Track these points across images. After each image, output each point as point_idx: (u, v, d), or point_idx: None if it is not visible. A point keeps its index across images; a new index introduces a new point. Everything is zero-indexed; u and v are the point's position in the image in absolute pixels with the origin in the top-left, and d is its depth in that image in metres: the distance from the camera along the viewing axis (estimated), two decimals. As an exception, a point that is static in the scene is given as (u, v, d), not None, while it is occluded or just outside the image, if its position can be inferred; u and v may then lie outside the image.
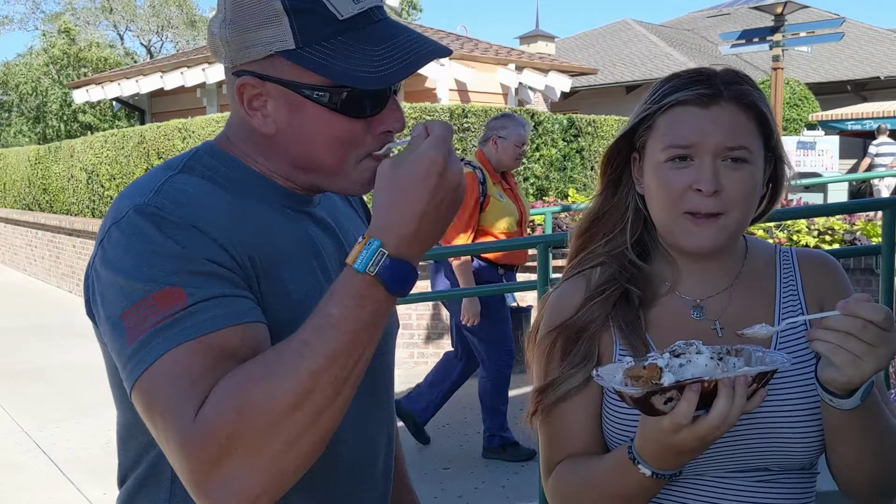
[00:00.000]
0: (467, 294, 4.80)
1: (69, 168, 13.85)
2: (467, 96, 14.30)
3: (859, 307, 1.04)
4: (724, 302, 1.30)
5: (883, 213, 3.65)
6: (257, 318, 1.02)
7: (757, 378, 1.02)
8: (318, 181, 1.15)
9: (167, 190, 1.07)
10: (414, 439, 5.20)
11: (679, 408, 1.00)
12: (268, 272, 1.07)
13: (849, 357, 1.04)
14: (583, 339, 1.30)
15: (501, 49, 15.78)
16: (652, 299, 1.31)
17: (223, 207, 1.08)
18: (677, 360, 1.04)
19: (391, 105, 1.12)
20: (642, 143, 1.31)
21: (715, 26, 26.08)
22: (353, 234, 1.26)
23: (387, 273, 0.95)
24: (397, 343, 5.90)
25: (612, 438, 1.29)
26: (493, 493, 4.44)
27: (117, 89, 15.86)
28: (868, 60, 22.83)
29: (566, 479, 1.29)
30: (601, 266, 1.35)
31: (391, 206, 0.97)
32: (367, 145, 1.11)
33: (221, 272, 1.01)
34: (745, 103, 1.25)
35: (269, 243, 1.10)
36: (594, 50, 25.20)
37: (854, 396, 1.09)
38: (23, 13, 54.15)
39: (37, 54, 34.92)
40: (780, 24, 13.57)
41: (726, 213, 1.23)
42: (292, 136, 1.10)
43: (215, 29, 1.11)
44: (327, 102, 1.07)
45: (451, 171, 0.97)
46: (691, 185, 1.22)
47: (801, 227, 7.39)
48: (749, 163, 1.24)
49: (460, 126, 10.48)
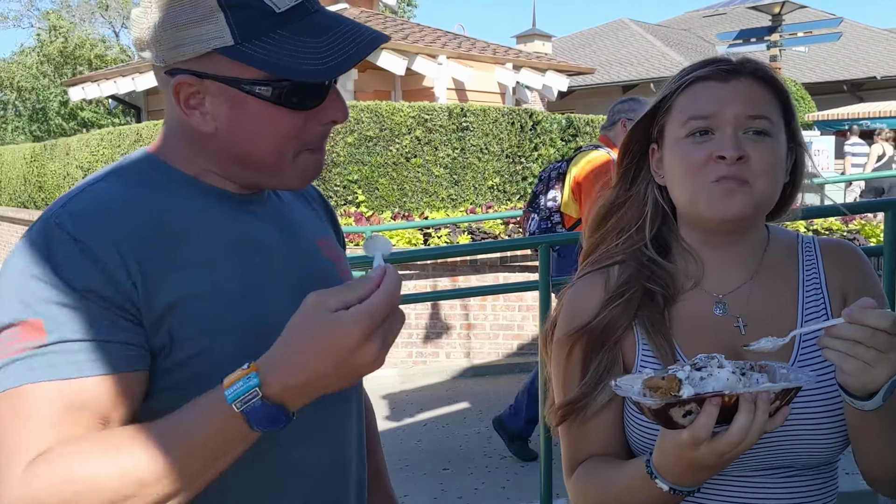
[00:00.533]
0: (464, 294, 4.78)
1: (65, 166, 13.82)
2: (465, 95, 14.29)
3: (865, 315, 1.01)
4: (745, 296, 1.27)
5: (885, 215, 3.65)
6: (121, 369, 0.98)
7: (780, 395, 1.00)
8: (258, 178, 1.12)
9: (79, 199, 1.04)
10: (412, 442, 5.18)
11: (698, 421, 0.98)
12: (184, 274, 1.04)
13: (859, 365, 1.02)
14: (607, 345, 1.25)
15: (499, 48, 15.77)
16: (675, 296, 1.28)
17: (137, 216, 1.04)
18: (698, 373, 1.02)
19: (332, 95, 1.09)
20: (660, 129, 1.28)
21: (712, 26, 26.11)
22: (310, 234, 1.24)
23: (254, 415, 0.91)
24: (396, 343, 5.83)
25: (634, 444, 1.27)
26: (493, 494, 4.43)
27: (113, 87, 15.81)
28: (865, 60, 22.87)
29: (586, 483, 1.27)
30: (620, 264, 1.30)
31: (289, 351, 0.93)
32: (309, 138, 1.09)
33: (94, 308, 0.97)
34: (764, 77, 1.23)
35: (193, 245, 1.06)
36: (591, 49, 25.21)
37: (875, 398, 1.07)
38: (18, 10, 54.01)
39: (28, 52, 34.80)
40: (777, 24, 13.60)
41: (752, 184, 1.18)
42: (233, 133, 1.07)
43: (144, 27, 1.06)
44: (270, 97, 1.04)
45: (363, 353, 0.91)
46: (713, 154, 1.19)
47: (798, 227, 7.41)
48: (771, 136, 1.20)
49: (458, 125, 10.47)
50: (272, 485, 1.11)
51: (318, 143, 1.11)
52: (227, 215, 1.12)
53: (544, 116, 11.24)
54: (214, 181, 1.13)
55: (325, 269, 1.23)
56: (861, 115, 18.39)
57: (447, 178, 10.45)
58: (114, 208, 1.04)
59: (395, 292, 0.92)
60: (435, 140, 10.36)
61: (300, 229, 1.23)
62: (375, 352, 0.91)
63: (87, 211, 1.03)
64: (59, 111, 31.74)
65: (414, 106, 10.42)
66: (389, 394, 6.46)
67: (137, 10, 1.08)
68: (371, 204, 10.08)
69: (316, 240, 1.25)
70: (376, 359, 0.92)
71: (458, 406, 6.09)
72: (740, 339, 1.22)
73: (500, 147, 10.78)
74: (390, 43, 13.36)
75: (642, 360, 1.25)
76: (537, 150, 10.94)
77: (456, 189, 10.50)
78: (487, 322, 7.52)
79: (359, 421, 1.29)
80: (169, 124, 1.14)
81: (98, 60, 31.77)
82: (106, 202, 1.04)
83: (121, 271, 0.99)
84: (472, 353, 7.55)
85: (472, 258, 7.34)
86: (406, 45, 13.46)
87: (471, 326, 7.55)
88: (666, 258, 1.31)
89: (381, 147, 10.14)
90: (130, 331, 0.99)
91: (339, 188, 10.06)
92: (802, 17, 18.02)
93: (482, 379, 6.99)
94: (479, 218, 8.79)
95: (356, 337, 0.90)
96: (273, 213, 1.20)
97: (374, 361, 0.92)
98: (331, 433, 1.19)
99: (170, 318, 1.01)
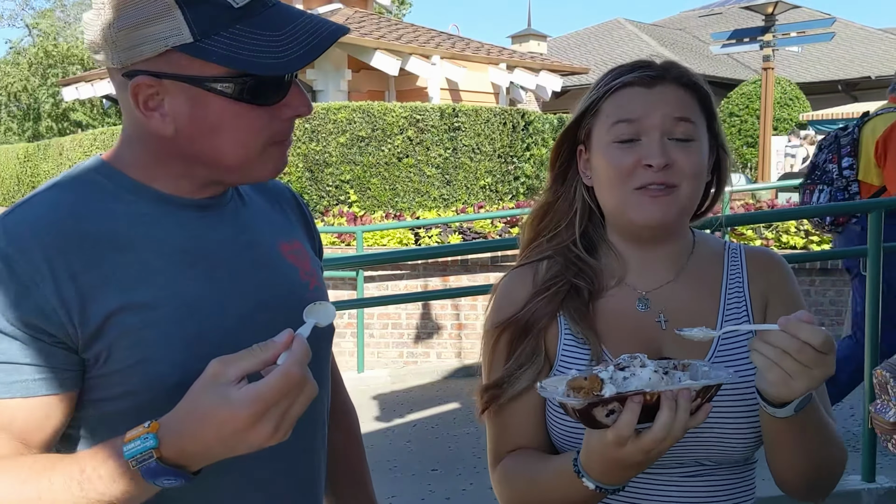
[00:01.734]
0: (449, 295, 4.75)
1: (58, 166, 13.81)
2: (459, 95, 14.29)
3: (799, 328, 1.03)
4: (668, 294, 1.31)
5: (870, 216, 3.65)
6: (42, 392, 0.98)
7: (701, 392, 1.02)
8: (224, 176, 1.11)
9: (19, 211, 1.04)
10: (401, 442, 5.18)
11: (621, 419, 1.00)
12: (123, 284, 1.02)
13: (781, 375, 1.04)
14: (530, 335, 1.29)
15: (493, 48, 15.77)
16: (599, 292, 1.31)
17: (76, 225, 1.03)
18: (622, 373, 1.03)
19: (294, 90, 1.08)
20: (587, 133, 1.32)
21: (706, 26, 26.12)
22: (271, 239, 1.22)
23: (149, 474, 0.91)
24: (387, 343, 5.81)
25: (558, 442, 1.29)
26: (481, 495, 4.43)
27: (108, 87, 15.78)
28: (859, 60, 22.90)
29: (510, 476, 1.29)
30: (548, 260, 1.34)
31: (188, 418, 0.92)
32: (274, 133, 1.08)
33: (20, 333, 0.97)
34: (687, 83, 1.27)
35: (136, 253, 1.05)
36: (586, 49, 25.21)
37: (787, 407, 1.09)
38: (12, 9, 53.91)
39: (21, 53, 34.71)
40: (770, 24, 13.62)
41: (678, 187, 1.23)
42: (195, 132, 1.05)
43: (97, 29, 1.04)
44: (232, 93, 1.03)
45: (254, 434, 0.90)
46: (641, 161, 1.22)
47: (789, 228, 7.42)
48: (695, 140, 1.25)
49: (450, 125, 10.46)
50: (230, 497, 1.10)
51: (284, 136, 1.10)
52: (176, 222, 1.10)
53: (536, 116, 11.25)
54: (167, 187, 1.11)
55: (287, 275, 1.20)
56: (856, 115, 18.38)
57: (439, 178, 10.45)
58: (51, 220, 1.02)
59: (296, 370, 0.90)
60: (427, 140, 10.36)
61: (259, 235, 1.20)
62: (267, 433, 0.91)
63: (23, 224, 1.02)
64: (51, 112, 31.67)
65: (406, 106, 10.42)
66: (380, 394, 6.45)
67: (89, 13, 1.06)
68: (363, 204, 10.09)
69: (279, 244, 1.22)
70: (270, 437, 0.91)
71: (448, 406, 6.08)
72: (661, 333, 1.27)
73: (492, 147, 10.79)
74: (384, 43, 13.39)
75: (563, 350, 1.28)
76: (529, 151, 10.95)
77: (448, 189, 10.50)
78: (478, 322, 7.51)
79: (322, 432, 1.27)
80: (126, 130, 1.12)
81: (92, 61, 31.69)
82: (44, 214, 1.03)
83: (50, 292, 0.98)
84: (464, 353, 7.54)
85: (462, 258, 7.33)
86: (400, 46, 13.46)
87: (462, 326, 7.54)
88: (592, 256, 1.35)
89: (373, 147, 10.14)
90: (58, 355, 0.99)
91: (331, 188, 10.05)
92: (796, 16, 18.04)
93: (473, 379, 6.86)
94: (471, 218, 8.78)
95: (244, 419, 0.89)
96: (230, 219, 1.17)
97: (268, 439, 0.91)
98: (292, 448, 1.17)
99: (107, 328, 1.00)
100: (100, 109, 29.79)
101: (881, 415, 1.87)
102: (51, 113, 31.73)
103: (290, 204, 1.34)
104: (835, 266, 6.98)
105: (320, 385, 1.23)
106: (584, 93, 1.37)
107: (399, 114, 10.29)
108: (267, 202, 1.28)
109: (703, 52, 24.27)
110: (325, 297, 1.28)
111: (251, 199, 1.24)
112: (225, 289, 1.10)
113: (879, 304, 3.57)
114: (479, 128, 10.68)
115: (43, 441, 0.99)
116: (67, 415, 1.01)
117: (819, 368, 1.03)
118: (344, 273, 6.38)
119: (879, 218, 3.57)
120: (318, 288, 1.25)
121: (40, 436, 0.98)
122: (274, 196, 1.30)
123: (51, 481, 0.92)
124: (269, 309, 1.13)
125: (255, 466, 1.11)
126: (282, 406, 0.91)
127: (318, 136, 10.31)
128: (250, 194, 1.25)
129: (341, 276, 6.48)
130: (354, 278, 7.26)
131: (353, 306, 6.02)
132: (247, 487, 1.12)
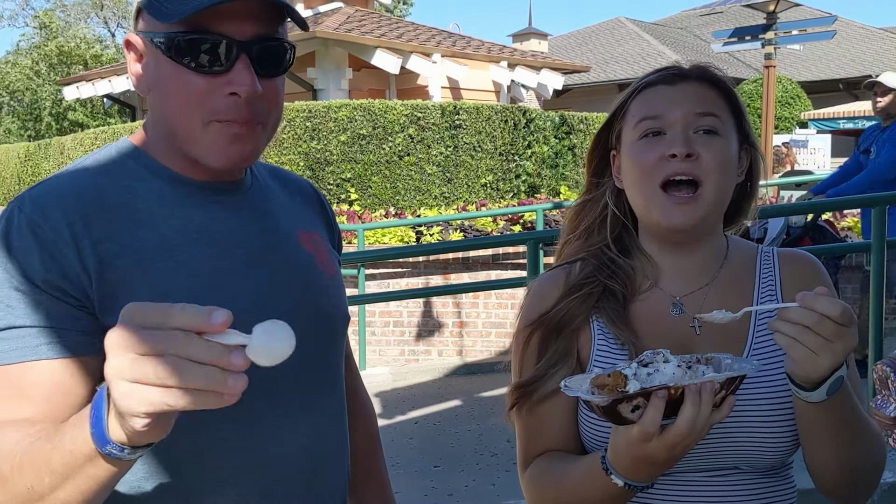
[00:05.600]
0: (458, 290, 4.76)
1: (59, 165, 13.82)
2: (460, 94, 14.28)
3: (816, 301, 1.02)
4: (702, 299, 1.30)
5: (873, 210, 3.64)
6: (68, 354, 0.97)
7: (725, 385, 1.01)
8: (184, 147, 1.09)
9: (45, 184, 1.07)
10: (403, 439, 5.18)
11: (646, 415, 0.99)
12: (140, 256, 1.03)
13: (804, 351, 1.03)
14: (562, 335, 1.28)
15: (494, 46, 15.76)
16: (633, 295, 1.31)
17: (97, 198, 1.05)
18: (645, 369, 1.03)
19: (240, 66, 1.04)
20: (618, 135, 1.33)
21: (707, 24, 26.12)
22: (290, 225, 1.22)
23: (96, 421, 0.80)
24: (388, 341, 5.80)
25: (588, 443, 1.28)
26: (484, 491, 4.42)
27: (108, 86, 15.79)
28: (860, 59, 22.90)
29: (541, 477, 1.28)
30: (581, 262, 1.34)
31: None
32: (215, 106, 1.05)
33: (45, 297, 0.97)
34: (711, 79, 1.28)
35: (153, 229, 1.06)
36: (587, 48, 25.21)
37: (819, 390, 1.07)
38: (12, 9, 53.89)
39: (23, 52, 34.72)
40: (772, 22, 13.60)
41: (703, 183, 1.21)
42: (157, 95, 1.08)
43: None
44: (165, 49, 1.04)
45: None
46: (664, 154, 1.22)
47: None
48: (720, 135, 1.24)
49: (451, 123, 10.46)
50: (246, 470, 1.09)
51: (228, 114, 1.06)
52: (194, 203, 1.12)
53: (538, 114, 11.24)
54: (184, 170, 1.12)
55: (305, 260, 1.21)
56: (857, 114, 18.41)
57: (440, 175, 10.44)
58: (75, 191, 1.05)
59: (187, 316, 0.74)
60: (428, 138, 10.35)
61: (279, 221, 1.21)
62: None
63: (48, 194, 1.04)
64: (52, 111, 31.69)
65: (407, 104, 10.41)
66: (382, 392, 6.44)
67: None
68: (364, 202, 10.08)
69: (297, 232, 1.23)
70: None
71: (449, 404, 6.08)
72: (695, 339, 1.25)
73: (493, 145, 10.78)
74: (385, 41, 13.38)
75: (597, 354, 1.27)
76: (531, 148, 10.94)
77: (449, 187, 10.49)
78: (480, 320, 7.52)
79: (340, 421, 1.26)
80: (147, 112, 1.16)
81: (94, 61, 31.71)
82: (68, 186, 1.06)
83: (73, 257, 0.99)
84: (465, 350, 7.54)
85: (463, 255, 7.33)
86: (401, 44, 13.46)
87: (463, 324, 7.54)
88: (626, 259, 1.34)
89: (373, 145, 10.13)
90: (82, 319, 0.99)
91: (332, 186, 10.05)
92: (797, 15, 18.03)
93: (474, 377, 6.98)
94: (472, 216, 8.78)
95: None
96: (251, 205, 1.18)
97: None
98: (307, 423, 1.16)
99: (121, 297, 1.00)
100: (100, 109, 29.78)
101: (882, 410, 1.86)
102: (52, 111, 31.74)
103: (312, 198, 1.35)
104: (846, 263, 6.94)
105: (333, 381, 1.23)
106: (586, 92, 1.39)
107: (400, 112, 10.28)
108: (289, 195, 1.29)
109: (704, 51, 24.26)
110: (341, 286, 1.29)
111: (273, 190, 1.25)
112: (240, 270, 1.11)
113: (883, 299, 3.57)
114: (480, 125, 10.67)
115: (70, 406, 0.96)
116: (93, 381, 1.00)
117: (840, 342, 1.02)
118: (345, 271, 6.39)
119: (883, 212, 3.57)
120: (333, 277, 1.26)
121: (67, 400, 0.97)
122: (296, 189, 1.32)
123: (40, 432, 0.90)
124: (284, 292, 1.13)
125: (277, 469, 1.11)
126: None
127: (318, 135, 10.31)
128: (272, 186, 1.26)
129: (343, 273, 6.50)
130: (356, 276, 7.27)
131: (354, 303, 6.03)
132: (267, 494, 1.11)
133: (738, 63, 23.96)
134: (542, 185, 11.05)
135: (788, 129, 17.55)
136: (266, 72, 1.07)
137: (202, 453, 1.06)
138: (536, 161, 10.99)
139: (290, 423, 1.13)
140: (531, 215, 8.55)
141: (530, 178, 10.91)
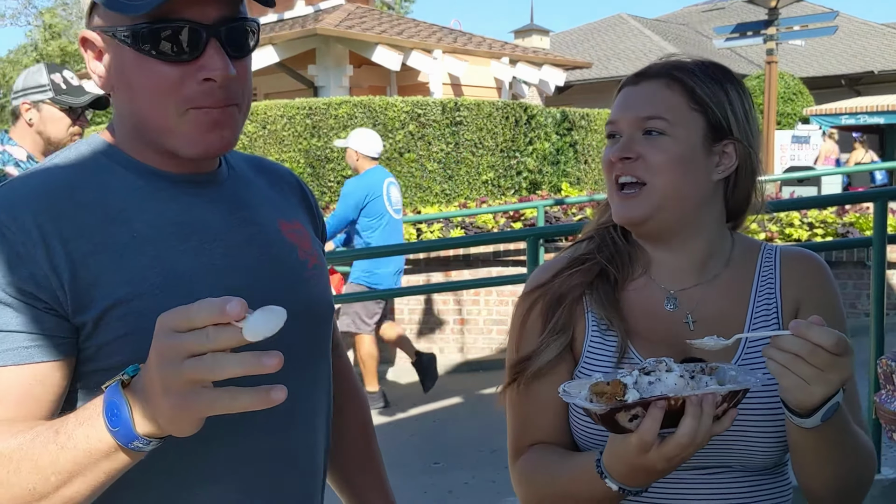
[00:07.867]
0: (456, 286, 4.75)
1: (60, 163, 13.84)
2: (461, 90, 14.27)
3: (809, 330, 1.00)
4: (698, 296, 1.29)
5: (874, 205, 3.62)
6: (38, 358, 0.96)
7: (727, 397, 0.99)
8: (161, 141, 1.07)
9: (15, 181, 1.05)
10: (403, 436, 5.17)
11: (644, 425, 0.98)
12: (114, 254, 1.02)
13: (796, 381, 1.01)
14: (563, 305, 1.29)
15: (495, 42, 15.74)
16: (626, 280, 1.31)
17: (67, 195, 1.03)
18: (647, 377, 1.01)
19: (211, 51, 1.02)
20: None
21: (709, 20, 26.10)
22: (270, 216, 1.20)
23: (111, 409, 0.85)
24: (388, 339, 5.64)
25: (581, 442, 1.28)
26: (483, 489, 4.42)
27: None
28: (862, 55, 22.85)
29: (533, 472, 1.27)
30: (588, 241, 1.37)
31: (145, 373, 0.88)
32: (188, 96, 1.03)
33: (14, 301, 0.96)
34: (671, 77, 1.27)
35: (128, 225, 1.04)
36: (589, 44, 25.19)
37: (814, 417, 1.06)
38: (15, 8, 53.90)
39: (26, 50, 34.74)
40: (773, 18, 13.60)
41: (649, 182, 1.23)
42: (123, 91, 1.06)
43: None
44: (130, 42, 1.01)
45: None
46: (613, 156, 1.26)
47: (793, 220, 7.37)
48: (666, 134, 1.24)
49: (452, 120, 10.44)
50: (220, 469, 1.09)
51: (204, 100, 1.04)
52: (169, 196, 1.10)
53: (539, 111, 11.22)
54: (155, 162, 1.10)
55: (285, 251, 1.18)
56: (859, 110, 18.38)
57: (441, 172, 10.43)
58: (44, 190, 1.03)
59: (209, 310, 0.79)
60: (428, 135, 10.33)
61: (257, 213, 1.18)
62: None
63: (15, 192, 1.02)
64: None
65: (407, 101, 10.39)
66: (382, 388, 6.44)
67: None
68: (365, 199, 10.06)
69: (278, 223, 1.21)
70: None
71: (450, 401, 6.08)
72: (688, 334, 1.24)
73: (494, 141, 10.75)
74: (385, 38, 13.37)
75: (590, 344, 1.28)
76: (532, 145, 10.92)
77: (450, 184, 10.48)
78: (481, 317, 7.51)
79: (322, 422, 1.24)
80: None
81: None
82: (38, 184, 1.04)
83: (42, 259, 0.97)
84: (466, 347, 7.53)
85: (464, 252, 7.32)
86: (401, 41, 13.44)
87: (464, 321, 7.53)
88: (628, 243, 1.36)
89: (374, 142, 10.11)
90: (50, 321, 0.98)
91: (333, 184, 10.04)
92: (799, 10, 17.99)
93: (475, 374, 6.97)
94: (473, 212, 8.76)
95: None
96: (228, 196, 1.16)
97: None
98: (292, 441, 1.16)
99: (97, 296, 1.00)
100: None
101: (886, 405, 1.84)
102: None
103: (293, 186, 1.32)
104: (839, 259, 6.92)
105: (319, 374, 1.22)
106: (588, 88, 1.42)
107: (400, 108, 10.26)
108: (268, 183, 1.26)
109: (706, 47, 24.22)
110: (325, 275, 1.27)
111: (251, 180, 1.23)
112: (218, 263, 1.09)
113: (884, 294, 3.55)
114: (480, 122, 10.64)
115: (42, 411, 0.96)
116: (64, 383, 0.99)
117: (834, 371, 1.00)
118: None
119: (884, 207, 3.55)
120: (316, 266, 1.23)
121: (39, 405, 0.96)
122: (276, 178, 1.29)
123: (35, 434, 0.90)
124: (265, 284, 1.11)
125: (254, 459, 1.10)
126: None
127: (319, 132, 10.29)
128: (250, 175, 1.24)
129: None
130: (356, 273, 7.25)
131: (354, 300, 6.00)
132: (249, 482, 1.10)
133: (740, 59, 23.92)
134: (543, 182, 11.02)
135: (790, 124, 17.52)
136: (236, 53, 1.06)
137: (189, 445, 1.04)
138: (538, 158, 10.97)
139: (275, 418, 1.10)
140: (532, 212, 8.53)
141: (531, 175, 10.89)
